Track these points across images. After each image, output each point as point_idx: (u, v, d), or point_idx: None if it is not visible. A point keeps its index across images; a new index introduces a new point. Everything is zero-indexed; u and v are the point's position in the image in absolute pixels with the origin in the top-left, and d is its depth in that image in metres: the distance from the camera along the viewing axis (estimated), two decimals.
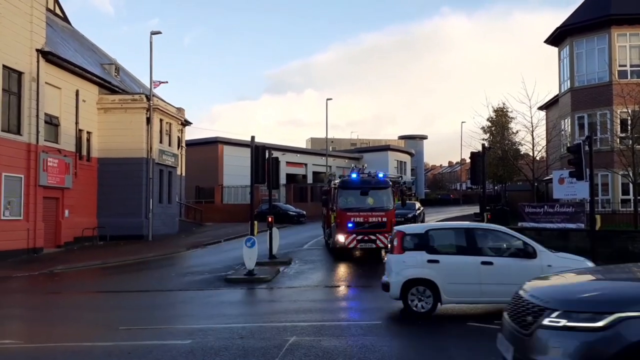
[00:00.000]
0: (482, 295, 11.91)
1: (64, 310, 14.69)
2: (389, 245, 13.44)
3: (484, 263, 11.80)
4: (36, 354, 9.82)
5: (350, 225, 22.32)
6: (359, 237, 22.28)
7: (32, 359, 9.39)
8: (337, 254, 23.13)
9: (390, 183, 24.68)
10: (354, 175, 24.11)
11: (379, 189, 23.57)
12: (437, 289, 11.83)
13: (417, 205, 41.38)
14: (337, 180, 25.95)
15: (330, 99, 61.45)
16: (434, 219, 45.50)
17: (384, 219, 22.51)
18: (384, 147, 78.91)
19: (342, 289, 16.93)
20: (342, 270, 20.69)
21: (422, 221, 39.59)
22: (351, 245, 22.41)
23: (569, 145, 25.92)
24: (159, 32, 33.81)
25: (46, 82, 27.23)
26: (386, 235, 21.17)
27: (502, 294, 11.78)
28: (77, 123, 30.52)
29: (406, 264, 12.17)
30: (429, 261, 12.01)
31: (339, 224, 22.65)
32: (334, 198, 24.23)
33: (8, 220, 24.26)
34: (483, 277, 11.75)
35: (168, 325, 12.10)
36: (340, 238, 22.37)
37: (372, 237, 22.26)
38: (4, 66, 24.34)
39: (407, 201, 32.56)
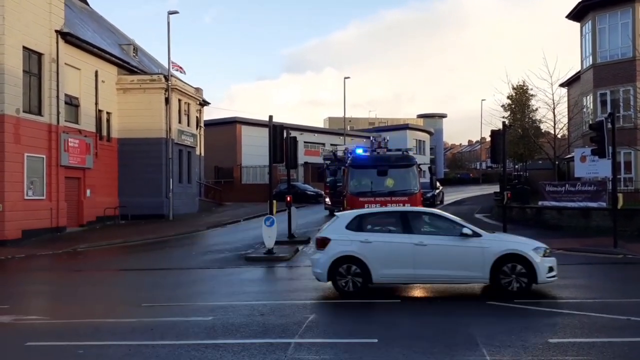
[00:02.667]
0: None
1: (88, 287, 14.95)
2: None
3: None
4: (61, 329, 10.03)
5: None
6: None
7: (58, 334, 9.59)
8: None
9: (415, 159, 20.66)
10: (359, 151, 20.73)
11: (401, 167, 19.68)
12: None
13: (437, 184, 41.27)
14: (342, 155, 25.05)
15: (348, 77, 61.42)
16: (453, 199, 45.35)
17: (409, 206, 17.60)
18: (403, 126, 78.43)
19: None
20: None
21: (441, 201, 39.44)
22: None
23: (590, 122, 25.52)
24: (176, 12, 33.84)
25: (65, 63, 27.41)
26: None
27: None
28: (96, 104, 30.74)
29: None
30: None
31: None
32: (344, 179, 21.08)
33: (31, 200, 24.64)
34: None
35: (190, 303, 12.27)
36: None
37: None
38: (24, 47, 24.52)
39: (425, 180, 28.57)
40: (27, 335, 9.18)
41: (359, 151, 20.50)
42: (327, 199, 32.77)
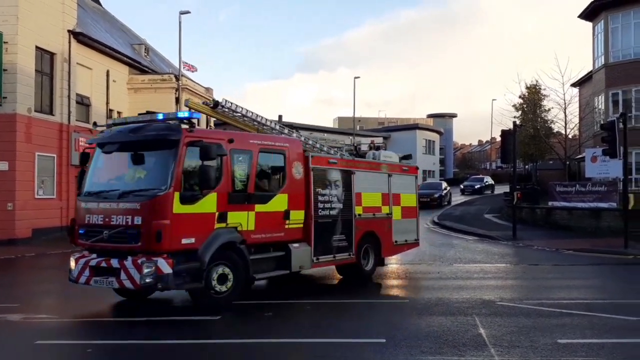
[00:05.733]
0: None
1: None
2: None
3: None
4: (71, 328, 10.08)
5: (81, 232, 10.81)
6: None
7: (67, 333, 9.65)
8: None
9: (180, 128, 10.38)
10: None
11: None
12: None
13: (444, 185, 41.38)
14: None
15: (358, 77, 61.76)
16: (462, 199, 45.23)
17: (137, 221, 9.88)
18: (412, 126, 78.18)
19: None
20: None
21: (449, 202, 39.38)
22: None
23: (602, 122, 25.36)
24: (187, 12, 33.80)
25: (77, 63, 27.55)
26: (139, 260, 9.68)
27: None
28: (107, 103, 30.86)
29: None
30: None
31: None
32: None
33: (42, 199, 24.79)
34: None
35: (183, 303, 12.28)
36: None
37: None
38: (37, 47, 24.68)
39: (433, 180, 29.06)
40: (37, 334, 9.22)
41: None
42: None
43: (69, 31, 26.48)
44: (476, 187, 50.79)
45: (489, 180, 54.36)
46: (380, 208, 14.30)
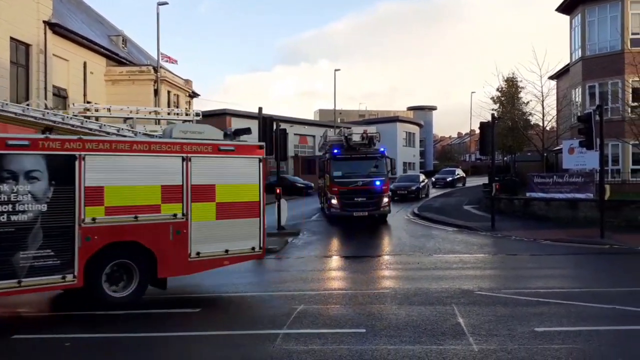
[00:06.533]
0: None
1: None
2: None
3: None
4: (49, 321, 9.98)
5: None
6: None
7: (45, 327, 9.55)
8: (342, 225, 23.42)
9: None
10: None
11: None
12: None
13: (422, 177, 41.67)
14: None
15: (339, 70, 61.45)
16: (442, 191, 45.51)
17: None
18: (393, 119, 78.47)
19: (348, 259, 17.01)
20: (348, 240, 20.79)
21: (427, 194, 39.62)
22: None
23: (579, 114, 25.66)
24: (165, 3, 33.50)
25: (54, 54, 27.15)
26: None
27: None
28: (85, 95, 30.47)
29: None
30: None
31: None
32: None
33: None
34: None
35: (178, 295, 12.24)
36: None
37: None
38: (12, 38, 24.25)
39: (411, 173, 32.68)
40: (13, 328, 9.12)
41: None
42: (334, 201, 24.10)
43: (44, 22, 26.05)
44: (448, 179, 50.81)
45: (460, 172, 54.60)
46: (156, 207, 10.35)
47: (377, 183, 23.98)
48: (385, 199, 24.34)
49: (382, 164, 24.46)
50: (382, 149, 25.02)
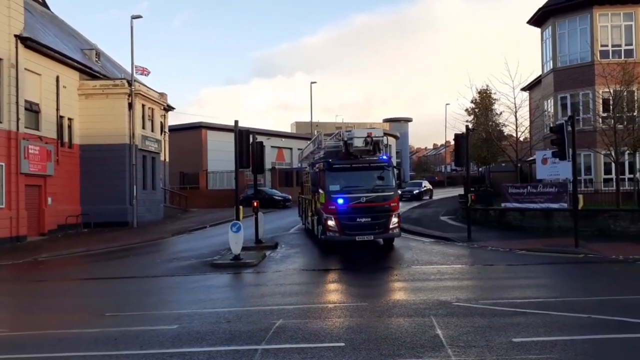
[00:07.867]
0: None
1: (50, 298, 14.61)
2: None
3: None
4: (23, 341, 9.77)
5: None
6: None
7: (19, 347, 9.34)
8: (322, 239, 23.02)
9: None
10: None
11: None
12: None
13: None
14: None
15: (315, 82, 61.56)
16: (419, 202, 45.78)
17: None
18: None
19: (327, 273, 16.95)
20: (326, 254, 20.70)
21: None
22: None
23: (551, 125, 26.06)
24: (139, 17, 33.35)
25: (25, 69, 26.82)
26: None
27: None
28: (58, 109, 30.12)
29: None
30: None
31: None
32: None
33: None
34: None
35: (154, 311, 12.10)
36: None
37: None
38: None
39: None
40: None
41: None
42: (332, 222, 19.39)
43: (15, 36, 25.76)
44: (414, 192, 50.06)
45: (427, 185, 54.35)
46: None
47: (385, 199, 19.50)
48: (395, 219, 19.54)
49: (390, 175, 19.91)
50: (384, 157, 20.98)
